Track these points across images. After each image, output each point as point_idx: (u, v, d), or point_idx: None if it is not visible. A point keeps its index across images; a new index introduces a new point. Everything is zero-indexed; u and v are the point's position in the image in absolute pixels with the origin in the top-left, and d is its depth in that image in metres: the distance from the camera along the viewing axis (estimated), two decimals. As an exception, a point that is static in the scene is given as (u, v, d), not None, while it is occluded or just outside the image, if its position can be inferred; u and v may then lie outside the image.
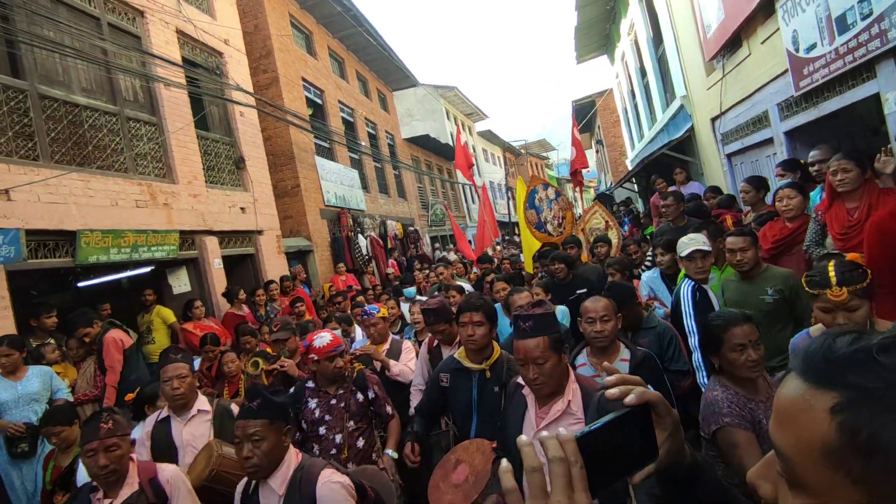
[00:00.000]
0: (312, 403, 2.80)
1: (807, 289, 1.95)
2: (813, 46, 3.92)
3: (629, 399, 0.70)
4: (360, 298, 6.93)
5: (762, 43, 4.84)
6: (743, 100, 5.57)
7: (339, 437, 2.72)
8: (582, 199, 10.35)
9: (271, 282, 7.29)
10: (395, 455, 2.79)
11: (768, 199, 4.57)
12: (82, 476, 2.73)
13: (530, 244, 6.86)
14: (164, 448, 2.63)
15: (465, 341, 2.51)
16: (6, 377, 3.89)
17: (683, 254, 3.17)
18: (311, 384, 2.87)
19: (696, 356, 2.67)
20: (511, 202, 13.75)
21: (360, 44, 14.06)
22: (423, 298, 5.29)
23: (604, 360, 2.35)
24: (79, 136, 5.55)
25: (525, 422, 1.88)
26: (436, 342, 3.28)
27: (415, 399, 3.21)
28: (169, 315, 6.28)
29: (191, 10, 7.63)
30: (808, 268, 3.40)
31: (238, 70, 8.48)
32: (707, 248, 3.17)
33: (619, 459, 0.67)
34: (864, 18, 3.27)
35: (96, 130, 5.78)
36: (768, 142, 5.22)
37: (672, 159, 8.07)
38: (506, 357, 2.49)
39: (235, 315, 6.58)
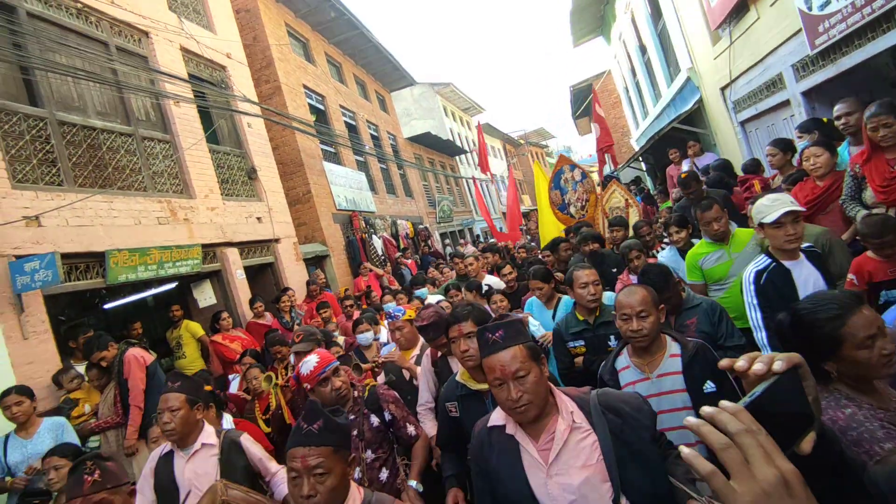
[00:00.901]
0: None
1: None
2: (827, 3, 3.91)
3: (777, 366, 0.67)
4: (386, 298, 6.79)
5: (771, 6, 4.82)
6: (754, 65, 5.55)
7: (356, 472, 2.33)
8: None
9: (288, 288, 7.34)
10: (420, 488, 2.35)
11: (794, 161, 4.56)
12: None
13: (549, 228, 6.85)
14: (166, 487, 2.34)
15: (461, 360, 2.20)
16: (18, 434, 3.63)
17: (769, 219, 2.39)
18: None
19: (761, 336, 2.27)
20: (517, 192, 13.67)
21: (356, 47, 14.11)
22: (438, 298, 5.11)
23: (648, 360, 2.05)
24: (98, 159, 5.62)
25: (527, 466, 1.52)
26: (439, 353, 2.88)
27: (424, 421, 2.83)
28: (197, 329, 6.35)
29: (192, 26, 7.69)
30: (845, 225, 3.38)
31: (242, 82, 8.54)
32: (798, 207, 2.44)
33: (780, 428, 0.63)
34: (880, -31, 3.27)
35: (114, 152, 5.85)
36: (784, 104, 5.20)
37: (682, 132, 8.04)
38: None
39: (259, 324, 6.65)
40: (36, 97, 5.19)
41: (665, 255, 4.17)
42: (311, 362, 2.43)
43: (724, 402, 0.62)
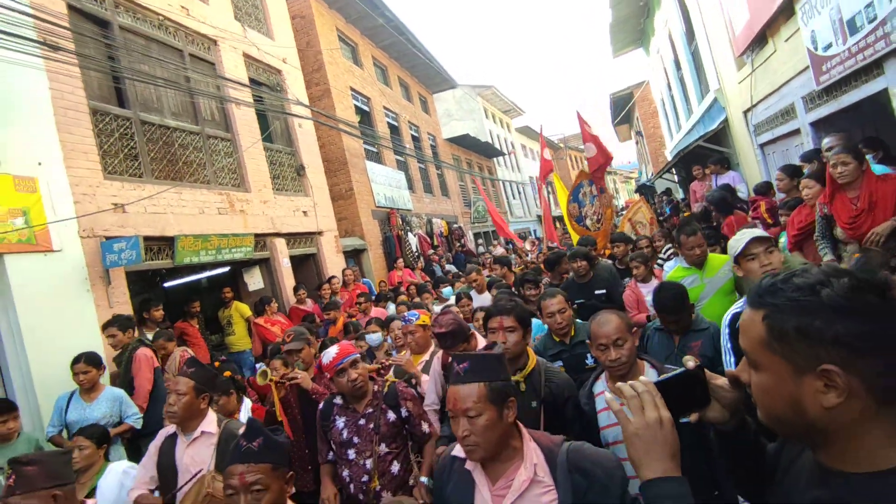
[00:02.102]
0: (340, 422, 2.54)
1: None
2: (829, 46, 4.25)
3: (689, 364, 0.98)
4: (404, 297, 7.01)
5: (786, 41, 5.15)
6: (771, 93, 5.86)
7: (369, 463, 2.44)
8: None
9: (333, 277, 8.05)
10: (430, 483, 2.38)
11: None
12: None
13: (576, 237, 7.30)
14: (166, 467, 2.47)
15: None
16: (82, 396, 3.90)
17: (739, 251, 2.36)
18: (338, 400, 2.60)
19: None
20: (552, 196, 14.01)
21: (401, 51, 14.76)
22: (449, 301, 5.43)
23: None
24: (171, 154, 6.43)
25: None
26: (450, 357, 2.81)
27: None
28: (245, 310, 7.12)
29: (254, 34, 8.48)
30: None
31: (295, 85, 9.30)
32: (765, 234, 2.41)
33: (677, 402, 0.95)
34: (870, 22, 3.61)
35: (184, 148, 6.66)
36: (796, 132, 5.52)
37: (708, 150, 8.32)
38: (543, 366, 2.24)
39: (300, 310, 7.37)
40: (123, 99, 6.03)
41: (670, 265, 4.62)
42: (331, 352, 2.49)
43: (642, 377, 0.99)
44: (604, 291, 4.31)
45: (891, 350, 0.72)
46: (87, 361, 3.91)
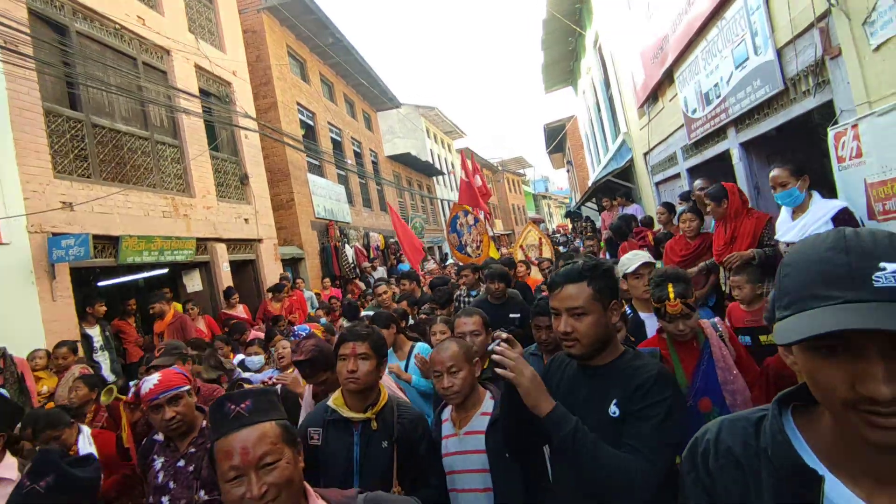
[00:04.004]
0: (158, 463, 2.13)
1: (652, 301, 2.32)
2: (695, 110, 5.36)
3: (503, 335, 1.62)
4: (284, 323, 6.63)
5: (670, 101, 6.29)
6: (661, 141, 7.03)
7: None
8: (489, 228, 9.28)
9: (284, 283, 8.32)
10: None
11: (675, 220, 5.96)
12: None
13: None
14: None
15: (344, 380, 1.95)
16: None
17: (630, 269, 2.89)
18: (160, 437, 2.19)
19: None
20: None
21: (348, 69, 15.36)
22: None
23: (462, 416, 2.02)
24: (120, 158, 6.67)
25: None
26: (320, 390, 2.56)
27: None
28: (179, 308, 7.34)
29: (206, 46, 8.82)
30: (705, 281, 4.48)
31: (243, 97, 9.66)
32: (653, 259, 2.82)
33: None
34: (717, 97, 4.70)
35: (133, 153, 6.91)
36: (678, 175, 6.68)
37: (618, 184, 9.53)
38: (396, 402, 2.04)
39: (229, 315, 7.46)
40: (75, 102, 6.25)
41: None
42: (150, 382, 2.12)
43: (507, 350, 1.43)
44: (518, 315, 4.01)
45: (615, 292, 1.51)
46: (64, 346, 4.09)
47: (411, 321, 4.65)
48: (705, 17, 4.58)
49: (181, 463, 2.10)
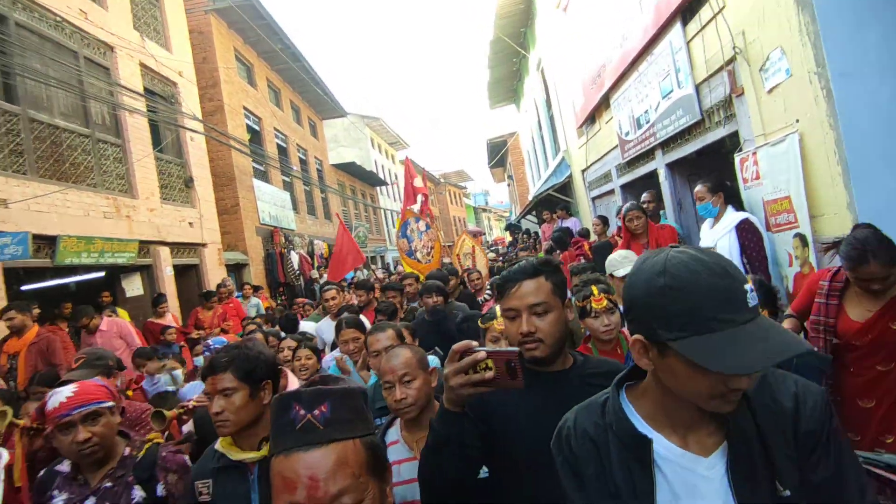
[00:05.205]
0: (59, 501, 1.74)
1: (576, 303, 2.32)
2: (628, 133, 5.96)
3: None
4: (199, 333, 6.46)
5: (606, 123, 6.91)
6: (597, 160, 7.66)
7: None
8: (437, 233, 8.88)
9: (221, 286, 8.14)
10: None
11: (608, 232, 6.54)
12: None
13: (406, 269, 8.07)
14: None
15: (216, 423, 1.58)
16: None
17: (620, 273, 2.94)
18: (64, 467, 1.79)
19: None
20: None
21: (295, 76, 15.31)
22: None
23: (419, 435, 1.71)
24: (58, 154, 6.43)
25: None
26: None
27: None
28: (125, 315, 7.10)
29: (152, 45, 8.63)
30: None
31: (189, 98, 9.49)
32: None
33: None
34: (646, 122, 5.30)
35: (72, 149, 6.67)
36: (612, 191, 7.30)
37: (557, 198, 10.16)
38: None
39: (156, 324, 6.81)
40: (12, 95, 5.99)
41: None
42: (61, 394, 1.73)
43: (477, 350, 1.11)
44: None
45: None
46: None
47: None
48: (638, 50, 5.16)
49: (90, 501, 1.70)
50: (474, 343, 1.12)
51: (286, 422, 0.83)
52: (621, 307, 2.48)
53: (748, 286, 0.78)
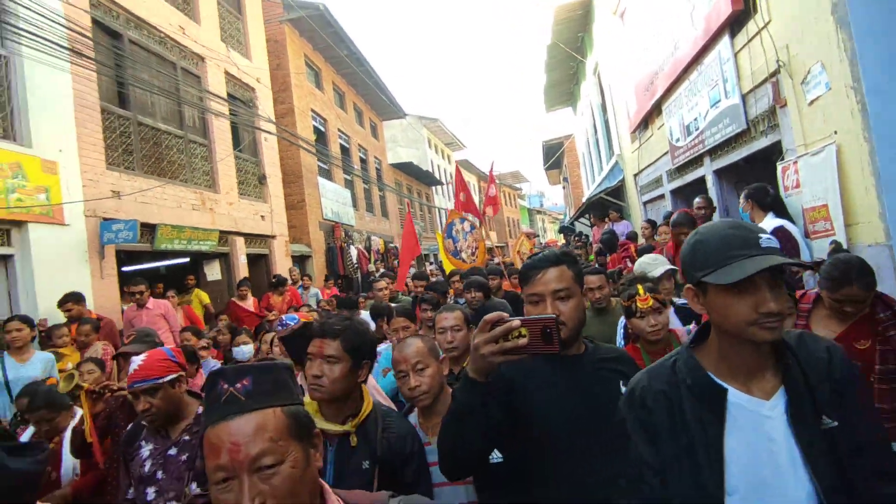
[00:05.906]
0: (145, 451, 1.93)
1: (621, 302, 2.37)
2: (678, 139, 6.12)
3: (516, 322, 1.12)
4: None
5: (658, 129, 7.07)
6: (649, 165, 7.80)
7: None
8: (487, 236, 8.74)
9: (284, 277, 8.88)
10: None
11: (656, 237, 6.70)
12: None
13: (448, 268, 8.30)
14: None
15: (309, 386, 1.63)
16: (13, 356, 3.88)
17: (653, 275, 3.09)
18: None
19: None
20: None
21: (359, 80, 16.11)
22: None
23: (434, 421, 1.76)
24: (159, 153, 7.33)
25: None
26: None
27: None
28: (205, 297, 7.94)
29: (235, 54, 9.52)
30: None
31: (265, 102, 10.35)
32: (674, 266, 3.17)
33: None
34: (696, 129, 5.47)
35: (169, 149, 7.56)
36: (662, 196, 7.44)
37: (609, 202, 10.29)
38: (381, 413, 1.70)
39: (238, 305, 7.58)
40: (125, 101, 6.91)
41: None
42: (134, 363, 1.91)
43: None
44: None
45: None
46: (21, 320, 3.99)
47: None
48: (689, 59, 5.35)
49: (172, 451, 1.90)
50: (505, 314, 1.15)
51: (213, 396, 0.90)
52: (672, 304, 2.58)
53: (764, 235, 0.99)
